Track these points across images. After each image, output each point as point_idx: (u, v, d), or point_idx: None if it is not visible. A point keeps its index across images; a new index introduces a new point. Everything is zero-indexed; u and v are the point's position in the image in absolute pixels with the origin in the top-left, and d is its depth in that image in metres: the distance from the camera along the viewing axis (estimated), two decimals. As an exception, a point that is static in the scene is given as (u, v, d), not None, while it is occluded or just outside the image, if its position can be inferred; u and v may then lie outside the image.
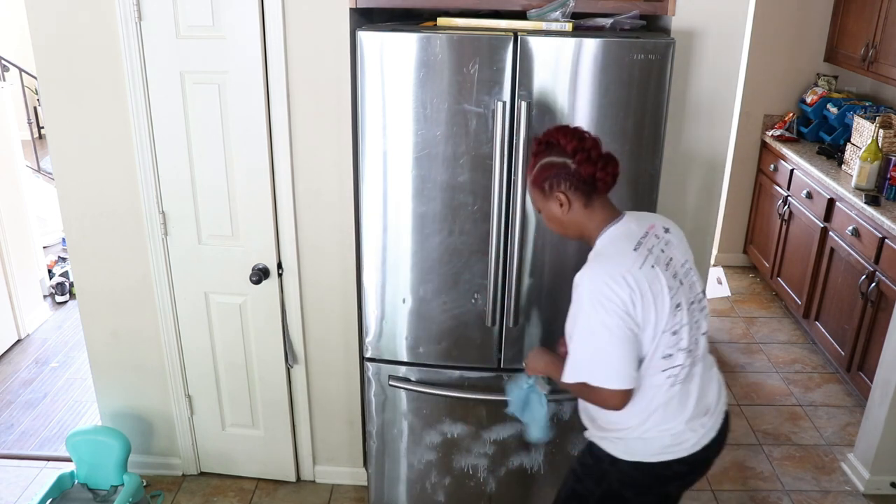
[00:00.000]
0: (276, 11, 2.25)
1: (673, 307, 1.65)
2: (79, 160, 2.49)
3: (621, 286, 1.60)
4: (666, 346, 1.66)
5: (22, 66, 5.92)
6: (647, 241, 1.68)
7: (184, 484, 2.91)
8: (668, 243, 1.73)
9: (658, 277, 1.64)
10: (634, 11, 2.17)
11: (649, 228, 1.72)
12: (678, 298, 1.67)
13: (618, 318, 1.60)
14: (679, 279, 1.70)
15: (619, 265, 1.63)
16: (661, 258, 1.68)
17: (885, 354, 2.85)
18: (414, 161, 2.14)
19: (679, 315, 1.67)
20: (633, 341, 1.63)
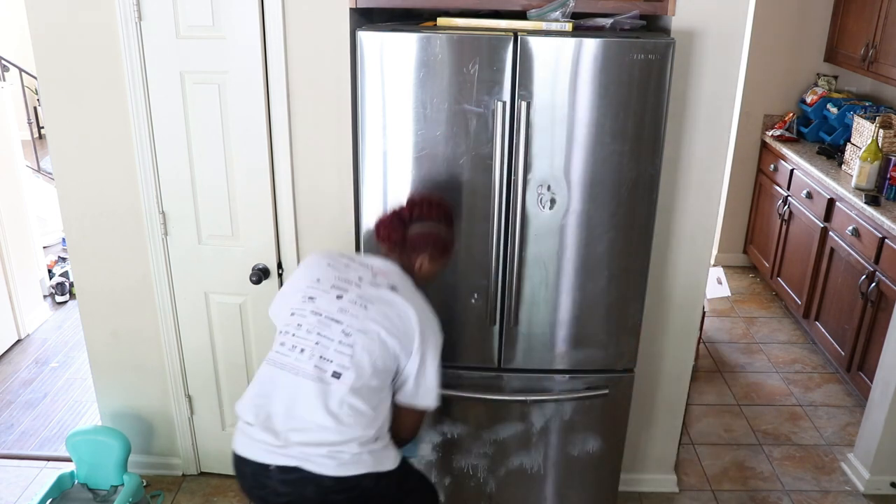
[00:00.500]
0: (276, 11, 2.25)
1: (306, 297, 1.78)
2: (79, 160, 2.49)
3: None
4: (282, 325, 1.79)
5: (22, 66, 5.92)
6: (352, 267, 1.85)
7: (184, 484, 2.91)
8: (373, 285, 1.80)
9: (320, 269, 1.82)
10: (634, 11, 2.17)
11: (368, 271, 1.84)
12: (316, 296, 1.78)
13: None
14: (339, 294, 1.77)
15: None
16: (345, 277, 1.81)
17: (885, 354, 2.85)
18: (414, 161, 2.14)
19: (305, 307, 1.77)
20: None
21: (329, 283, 1.79)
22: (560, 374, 2.37)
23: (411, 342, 1.78)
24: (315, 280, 1.81)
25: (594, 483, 2.55)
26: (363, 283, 1.79)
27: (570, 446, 2.47)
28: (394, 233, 1.85)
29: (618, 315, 2.30)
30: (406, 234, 1.86)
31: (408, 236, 1.86)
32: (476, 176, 2.13)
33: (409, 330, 1.77)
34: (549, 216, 2.16)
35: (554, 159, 2.10)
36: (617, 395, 2.38)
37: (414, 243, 1.86)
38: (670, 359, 2.68)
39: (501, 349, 2.34)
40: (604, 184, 2.12)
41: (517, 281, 2.23)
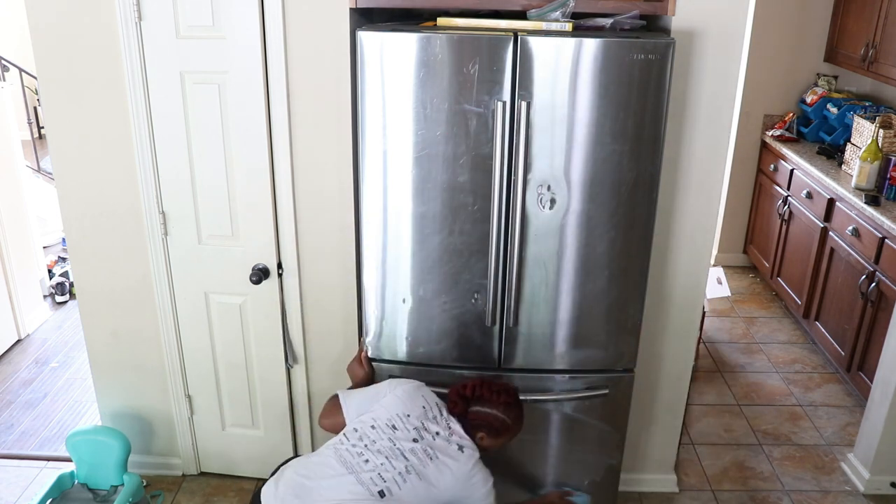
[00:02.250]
0: (276, 11, 2.25)
1: (390, 425, 1.95)
2: (79, 160, 2.49)
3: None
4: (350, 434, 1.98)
5: (22, 66, 5.92)
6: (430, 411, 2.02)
7: (184, 484, 2.91)
8: (446, 442, 1.95)
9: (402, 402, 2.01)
10: (634, 11, 2.17)
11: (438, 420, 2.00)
12: (399, 429, 1.95)
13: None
14: (416, 437, 1.94)
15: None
16: (425, 418, 1.98)
17: (885, 354, 2.85)
18: (414, 161, 2.14)
19: (385, 433, 1.94)
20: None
21: (413, 425, 1.96)
22: (560, 374, 2.37)
23: (460, 498, 1.94)
24: (406, 415, 1.98)
25: (594, 483, 2.55)
26: (439, 438, 1.96)
27: (571, 446, 2.47)
28: (456, 406, 2.02)
29: (618, 315, 2.30)
30: (467, 410, 2.02)
31: (469, 413, 2.02)
32: (476, 176, 2.13)
33: (457, 495, 1.93)
34: (549, 216, 2.16)
35: (554, 159, 2.10)
36: (617, 395, 2.38)
37: (473, 421, 2.01)
38: (670, 359, 2.68)
39: (501, 349, 2.34)
40: (604, 184, 2.12)
41: (517, 281, 2.23)
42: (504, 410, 2.03)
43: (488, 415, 2.01)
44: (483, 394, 2.02)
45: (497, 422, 2.02)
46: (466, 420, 2.00)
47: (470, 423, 2.00)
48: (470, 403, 2.01)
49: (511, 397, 2.06)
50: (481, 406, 2.01)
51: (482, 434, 2.01)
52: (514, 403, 2.06)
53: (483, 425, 2.01)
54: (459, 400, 2.02)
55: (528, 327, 2.31)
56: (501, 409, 2.02)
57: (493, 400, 2.02)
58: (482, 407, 2.01)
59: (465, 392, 2.03)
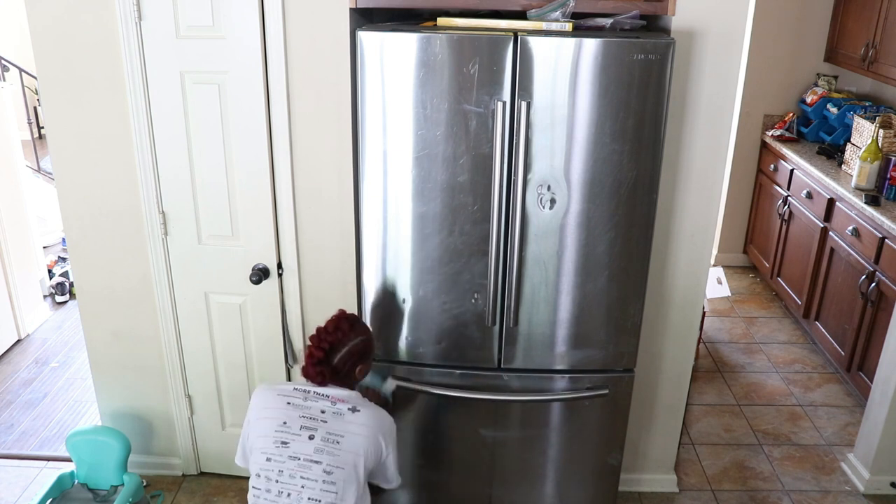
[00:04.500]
0: (276, 11, 2.25)
1: (279, 442, 1.86)
2: (79, 160, 2.49)
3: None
4: (255, 463, 1.91)
5: (22, 66, 5.92)
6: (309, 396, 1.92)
7: (184, 484, 2.91)
8: (336, 415, 1.88)
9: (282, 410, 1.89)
10: (634, 11, 2.17)
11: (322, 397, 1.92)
12: (289, 440, 1.85)
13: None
14: (311, 435, 1.85)
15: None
16: (308, 412, 1.88)
17: (885, 354, 2.85)
18: (414, 161, 2.14)
19: (282, 452, 1.85)
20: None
21: (297, 424, 1.86)
22: (560, 374, 2.37)
23: (381, 452, 1.92)
24: (282, 423, 1.87)
25: (594, 483, 2.55)
26: (328, 415, 1.87)
27: (570, 446, 2.47)
28: (324, 373, 1.91)
29: (618, 315, 2.30)
30: (334, 366, 1.92)
31: (336, 367, 1.93)
32: (476, 176, 2.13)
33: (378, 445, 1.90)
34: (549, 216, 2.16)
35: (554, 159, 2.10)
36: (617, 395, 2.38)
37: (345, 367, 1.94)
38: (670, 359, 2.68)
39: (501, 349, 2.34)
40: (604, 184, 2.12)
41: (517, 281, 2.23)
42: (353, 332, 1.95)
43: (350, 351, 1.93)
44: (331, 339, 1.92)
45: (360, 347, 1.95)
46: (338, 372, 1.92)
47: (345, 373, 1.93)
48: (331, 356, 1.92)
49: (345, 321, 1.97)
50: (339, 351, 1.92)
51: (359, 367, 1.96)
52: (350, 321, 1.98)
53: (354, 360, 1.94)
54: (321, 364, 1.91)
55: (528, 327, 2.31)
56: (352, 333, 1.95)
57: (342, 337, 1.93)
58: (340, 351, 1.92)
59: (318, 355, 1.91)
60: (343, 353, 1.93)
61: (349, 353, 1.94)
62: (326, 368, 1.91)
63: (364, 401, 1.95)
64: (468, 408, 2.43)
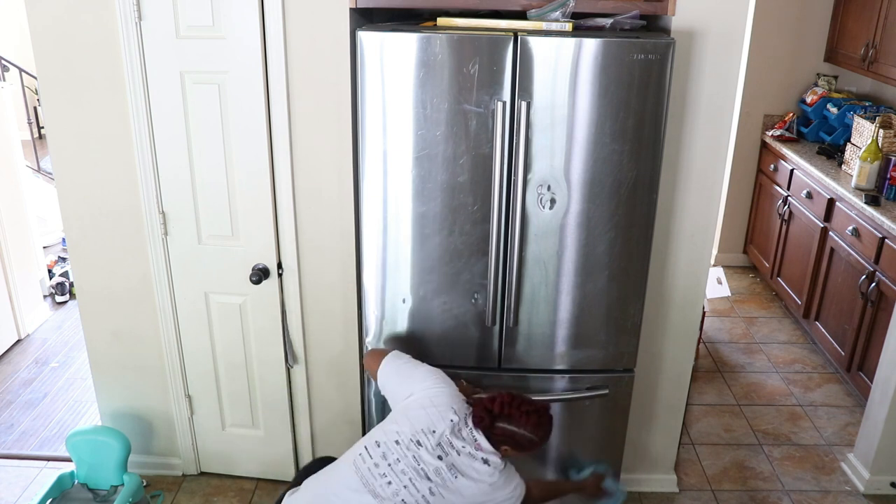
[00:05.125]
0: (276, 11, 2.25)
1: (415, 440, 1.89)
2: (79, 160, 2.49)
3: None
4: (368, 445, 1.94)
5: (22, 66, 5.92)
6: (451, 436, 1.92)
7: (184, 484, 2.91)
8: (470, 456, 1.90)
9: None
10: (634, 11, 2.17)
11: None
12: (424, 444, 1.89)
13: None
14: (441, 455, 1.89)
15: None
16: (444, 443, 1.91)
17: (885, 354, 2.85)
18: (414, 161, 2.14)
19: (410, 450, 1.89)
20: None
21: (439, 439, 1.90)
22: (560, 374, 2.37)
23: None
24: (431, 431, 1.91)
25: (594, 483, 2.55)
26: (464, 452, 1.90)
27: (570, 446, 2.47)
28: (482, 421, 1.92)
29: (618, 315, 2.30)
30: (493, 424, 1.92)
31: (494, 427, 1.92)
32: (476, 176, 2.13)
33: (482, 498, 1.90)
34: (549, 216, 2.16)
35: (554, 159, 2.10)
36: (617, 395, 2.39)
37: (497, 436, 1.92)
38: (670, 359, 2.68)
39: (501, 349, 2.34)
40: (604, 184, 2.13)
41: (517, 281, 2.23)
42: (532, 430, 1.93)
43: (514, 433, 1.91)
44: (512, 413, 1.91)
45: (524, 440, 1.92)
46: (491, 433, 1.91)
47: (495, 438, 1.92)
48: (496, 420, 1.91)
49: (542, 417, 1.95)
50: (507, 424, 1.90)
51: (506, 448, 1.93)
52: (543, 423, 1.96)
53: (508, 441, 1.92)
54: (486, 414, 1.92)
55: (528, 327, 2.31)
56: (529, 429, 1.92)
57: (522, 421, 1.91)
58: (508, 425, 1.90)
59: (492, 407, 1.92)
60: (506, 428, 1.91)
61: (510, 433, 1.91)
62: (487, 420, 1.91)
63: (502, 466, 1.92)
64: (468, 408, 2.43)
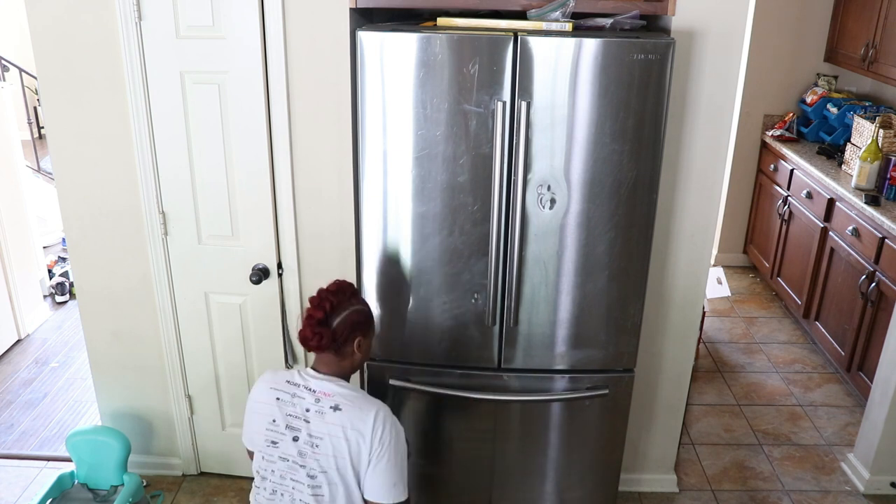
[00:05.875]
0: (276, 11, 2.25)
1: (269, 442, 1.83)
2: (79, 160, 2.49)
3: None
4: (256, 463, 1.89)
5: (22, 66, 5.92)
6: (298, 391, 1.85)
7: (184, 484, 2.91)
8: (318, 414, 1.81)
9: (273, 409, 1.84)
10: (634, 11, 2.17)
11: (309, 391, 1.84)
12: (278, 440, 1.83)
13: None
14: (295, 436, 1.81)
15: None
16: (295, 410, 1.83)
17: (885, 354, 2.85)
18: (414, 161, 2.14)
19: (273, 452, 1.83)
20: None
21: (283, 423, 1.82)
22: (560, 374, 2.37)
23: (368, 453, 1.79)
24: (272, 421, 1.83)
25: (594, 483, 2.55)
26: (310, 415, 1.80)
27: (570, 446, 2.47)
28: (322, 337, 1.82)
29: (618, 315, 2.30)
30: (333, 331, 1.82)
31: (335, 332, 1.83)
32: (476, 176, 2.13)
33: (362, 447, 1.78)
34: (549, 216, 2.16)
35: (554, 159, 2.10)
36: (617, 395, 2.38)
37: (343, 334, 1.84)
38: (670, 359, 2.68)
39: (501, 349, 2.34)
40: (604, 184, 2.12)
41: (517, 281, 2.23)
42: (356, 300, 1.89)
43: (350, 318, 1.84)
44: (333, 302, 1.83)
45: (361, 316, 1.87)
46: (338, 338, 1.83)
47: (342, 341, 1.83)
48: (330, 322, 1.82)
49: (347, 285, 1.90)
50: (339, 315, 1.83)
51: (357, 341, 1.86)
52: (352, 288, 1.91)
53: (354, 329, 1.85)
54: (320, 326, 1.81)
55: (528, 327, 2.31)
56: (354, 300, 1.88)
57: (343, 300, 1.85)
58: (341, 316, 1.83)
59: (318, 316, 1.81)
60: (343, 317, 1.83)
61: (349, 319, 1.84)
62: (326, 331, 1.80)
63: (355, 397, 1.82)
64: (468, 408, 2.43)
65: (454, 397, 2.38)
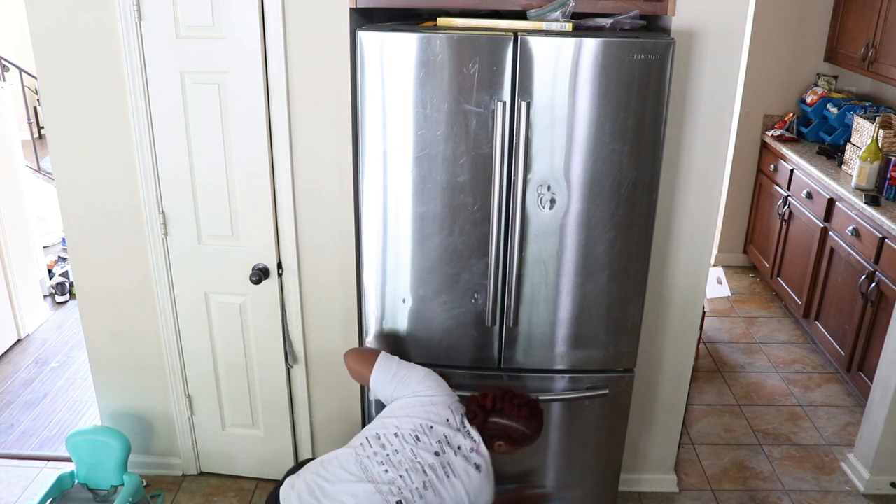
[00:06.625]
0: (276, 11, 2.25)
1: (414, 435, 1.92)
2: (79, 160, 2.49)
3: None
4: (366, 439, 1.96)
5: (22, 66, 5.92)
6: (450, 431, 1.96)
7: (184, 484, 2.91)
8: (465, 459, 1.93)
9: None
10: (634, 11, 2.17)
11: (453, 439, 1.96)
12: (422, 441, 1.92)
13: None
14: (438, 451, 1.92)
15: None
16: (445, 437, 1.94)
17: (885, 354, 2.85)
18: (414, 161, 2.14)
19: (408, 443, 1.92)
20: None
21: (437, 437, 1.93)
22: (560, 374, 2.37)
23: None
24: (429, 427, 1.94)
25: (594, 483, 2.55)
26: (461, 452, 1.93)
27: (570, 446, 2.47)
28: (475, 417, 1.98)
29: (618, 315, 2.30)
30: (486, 420, 1.97)
31: (487, 423, 1.97)
32: (476, 176, 2.13)
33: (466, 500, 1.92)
34: (549, 216, 2.16)
35: (554, 159, 2.10)
36: (617, 395, 2.39)
37: (491, 431, 1.97)
38: (670, 359, 2.68)
39: (501, 349, 2.34)
40: (604, 184, 2.13)
41: (517, 281, 2.23)
42: (524, 423, 1.99)
43: (507, 427, 1.97)
44: (504, 407, 1.97)
45: (517, 434, 1.98)
46: (484, 429, 1.97)
47: (488, 433, 1.97)
48: (489, 414, 1.97)
49: (533, 410, 2.01)
50: (500, 418, 1.97)
51: (500, 443, 1.98)
52: (535, 416, 2.02)
53: (502, 436, 1.98)
54: (479, 410, 1.98)
55: (528, 327, 2.31)
56: (522, 423, 1.98)
57: (514, 414, 1.97)
58: (501, 419, 1.97)
59: (484, 403, 1.98)
60: (499, 423, 1.96)
61: (503, 427, 1.97)
62: (481, 414, 1.97)
63: (490, 468, 1.96)
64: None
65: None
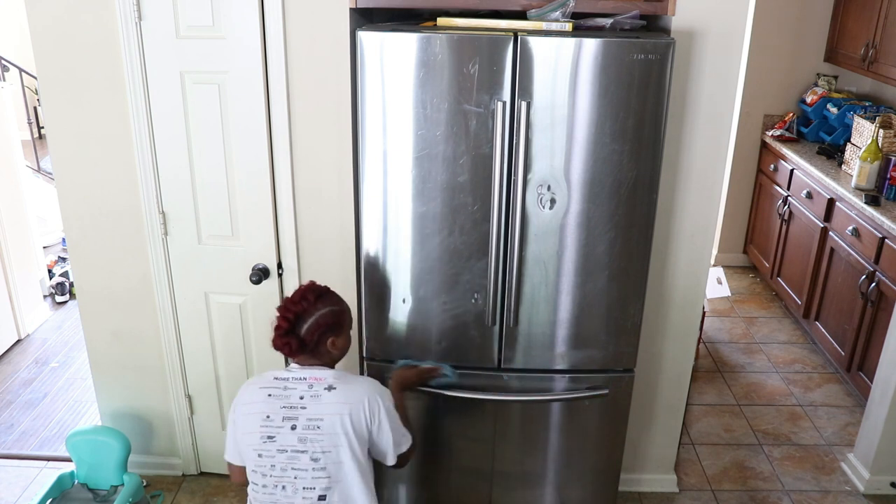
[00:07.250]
0: (276, 11, 2.25)
1: (265, 437, 1.83)
2: (79, 160, 2.49)
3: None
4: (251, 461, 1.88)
5: (22, 66, 5.92)
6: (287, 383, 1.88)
7: (184, 484, 2.91)
8: (314, 398, 1.84)
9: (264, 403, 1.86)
10: (634, 11, 2.17)
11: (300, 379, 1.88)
12: (274, 434, 1.83)
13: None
14: (293, 425, 1.83)
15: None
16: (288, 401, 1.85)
17: (885, 354, 2.85)
18: (414, 161, 2.14)
19: (270, 447, 1.83)
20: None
21: (279, 416, 1.84)
22: (560, 374, 2.37)
23: (370, 424, 1.86)
24: (265, 418, 1.84)
25: (594, 483, 2.55)
26: (306, 401, 1.84)
27: (570, 446, 2.47)
28: (292, 345, 1.87)
29: (618, 315, 2.30)
30: (301, 338, 1.87)
31: (304, 339, 1.87)
32: (476, 176, 2.13)
33: (361, 419, 1.85)
34: (549, 216, 2.16)
35: (554, 159, 2.10)
36: (617, 395, 2.39)
37: (313, 339, 1.88)
38: (670, 359, 2.68)
39: (501, 349, 2.34)
40: (604, 184, 2.13)
41: (517, 281, 2.23)
42: (322, 304, 1.89)
43: (318, 322, 1.87)
44: (298, 309, 1.87)
45: (330, 319, 1.89)
46: (308, 347, 1.88)
47: (313, 345, 1.88)
48: (298, 330, 1.87)
49: (310, 292, 1.91)
50: (306, 322, 1.86)
51: (330, 342, 1.89)
52: (317, 292, 1.92)
53: (324, 332, 1.88)
54: (288, 335, 1.86)
55: (528, 327, 2.31)
56: (320, 306, 1.89)
57: (308, 307, 1.87)
58: (307, 322, 1.86)
59: (284, 325, 1.86)
60: (310, 324, 1.86)
61: (316, 324, 1.87)
62: (293, 339, 1.86)
63: (344, 376, 1.89)
64: (468, 408, 2.43)
65: (454, 397, 2.37)
